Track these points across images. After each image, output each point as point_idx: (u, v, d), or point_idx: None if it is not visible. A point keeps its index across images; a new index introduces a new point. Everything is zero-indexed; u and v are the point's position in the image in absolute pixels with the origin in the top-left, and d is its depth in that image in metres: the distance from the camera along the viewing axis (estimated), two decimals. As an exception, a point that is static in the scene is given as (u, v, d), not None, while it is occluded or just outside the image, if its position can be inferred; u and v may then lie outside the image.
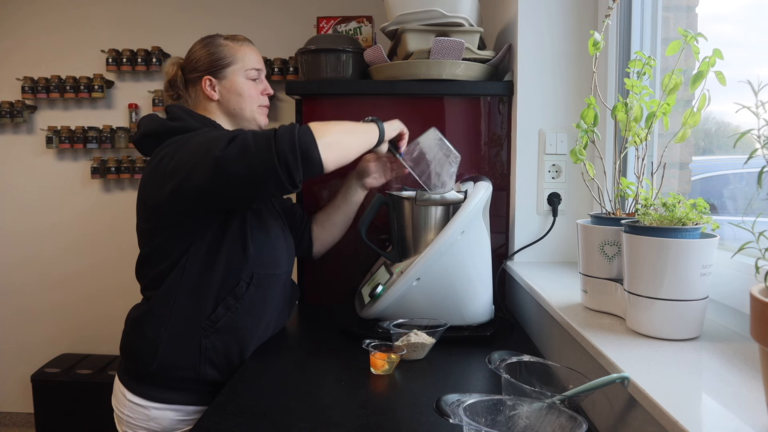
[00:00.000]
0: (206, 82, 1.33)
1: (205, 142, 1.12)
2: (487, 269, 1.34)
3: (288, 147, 1.06)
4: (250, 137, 1.08)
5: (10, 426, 3.12)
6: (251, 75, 1.36)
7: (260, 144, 1.07)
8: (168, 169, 1.15)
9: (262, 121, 1.40)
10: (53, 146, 2.93)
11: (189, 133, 1.21)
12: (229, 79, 1.34)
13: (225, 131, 1.18)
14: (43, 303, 3.07)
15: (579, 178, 1.54)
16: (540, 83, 1.56)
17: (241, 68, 1.34)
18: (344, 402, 1.02)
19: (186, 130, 1.24)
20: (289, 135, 1.07)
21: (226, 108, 1.36)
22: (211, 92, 1.34)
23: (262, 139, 1.07)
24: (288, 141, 1.06)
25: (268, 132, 1.09)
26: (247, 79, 1.35)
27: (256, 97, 1.37)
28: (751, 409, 0.66)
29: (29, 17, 2.97)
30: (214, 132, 1.20)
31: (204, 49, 1.35)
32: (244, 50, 1.36)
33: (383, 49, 1.62)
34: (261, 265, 1.26)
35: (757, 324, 0.56)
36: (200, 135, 1.18)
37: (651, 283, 0.89)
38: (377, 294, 1.30)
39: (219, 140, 1.09)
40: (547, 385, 0.89)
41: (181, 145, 1.17)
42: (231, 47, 1.35)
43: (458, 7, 1.55)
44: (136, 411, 1.23)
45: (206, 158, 1.08)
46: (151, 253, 1.27)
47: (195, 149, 1.13)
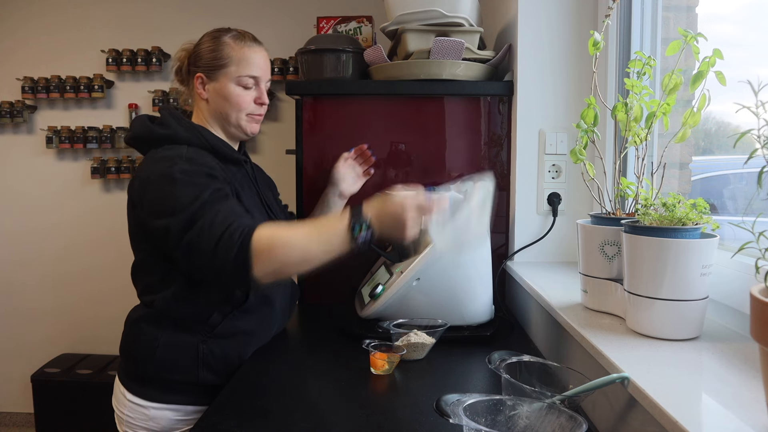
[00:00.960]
0: (198, 79, 1.29)
1: (169, 212, 1.10)
2: (487, 269, 1.34)
3: (224, 274, 1.06)
4: (195, 247, 1.07)
5: (10, 426, 3.12)
6: (244, 82, 1.28)
7: (203, 259, 1.07)
8: (141, 202, 1.17)
9: (249, 129, 1.32)
10: (53, 146, 2.93)
11: (169, 164, 1.15)
12: (220, 81, 1.27)
13: (192, 193, 1.10)
14: (43, 303, 3.07)
15: (579, 178, 1.54)
16: (540, 83, 1.56)
17: (234, 73, 1.27)
18: (344, 402, 1.02)
19: (172, 139, 1.22)
20: (224, 261, 1.05)
21: (213, 110, 1.30)
22: (201, 91, 1.29)
23: (205, 254, 1.06)
24: (224, 268, 1.05)
25: (209, 245, 1.05)
26: (238, 85, 1.28)
27: (244, 105, 1.29)
28: (751, 409, 0.66)
29: (29, 17, 2.97)
30: (184, 190, 1.12)
31: (208, 43, 1.29)
32: (245, 53, 1.28)
33: (383, 49, 1.62)
34: None
35: (757, 324, 0.56)
36: (171, 187, 1.12)
37: (651, 283, 0.89)
38: (377, 294, 1.30)
39: (176, 225, 1.08)
40: (547, 385, 0.89)
41: (155, 183, 1.14)
42: (233, 48, 1.28)
43: (458, 7, 1.55)
44: (135, 411, 1.23)
45: (164, 242, 1.12)
46: (144, 261, 1.26)
47: (161, 212, 1.12)
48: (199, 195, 1.10)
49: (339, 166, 1.51)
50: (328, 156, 1.65)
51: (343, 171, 1.50)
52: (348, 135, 1.65)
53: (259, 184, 1.38)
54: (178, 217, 1.09)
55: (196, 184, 1.13)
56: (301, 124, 1.66)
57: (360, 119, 1.65)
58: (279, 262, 1.06)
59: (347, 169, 1.51)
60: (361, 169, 1.54)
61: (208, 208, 1.09)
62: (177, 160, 1.16)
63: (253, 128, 1.33)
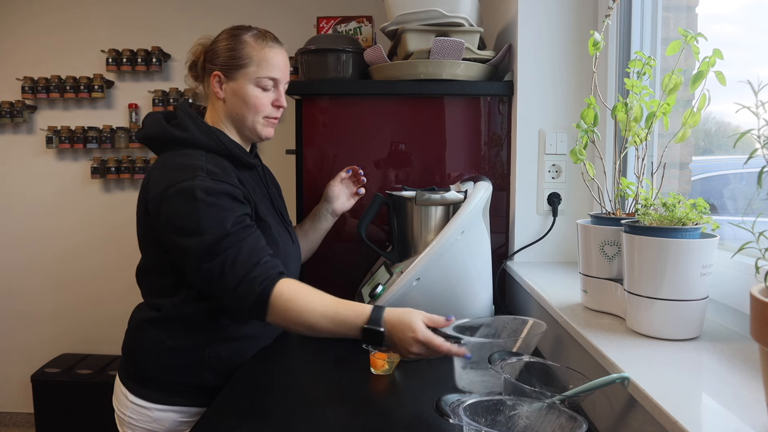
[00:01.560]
0: (215, 77, 1.25)
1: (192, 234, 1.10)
2: (487, 269, 1.34)
3: (241, 310, 1.11)
4: (216, 279, 1.09)
5: (10, 426, 3.12)
6: (263, 83, 1.24)
7: (220, 291, 1.11)
8: (157, 212, 1.15)
9: (264, 133, 1.29)
10: (53, 146, 2.93)
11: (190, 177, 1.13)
12: (239, 81, 1.24)
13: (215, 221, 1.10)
14: (43, 303, 3.07)
15: (579, 178, 1.54)
16: (540, 83, 1.56)
17: (254, 73, 1.23)
18: (344, 402, 1.02)
19: (189, 143, 1.20)
20: (242, 302, 1.09)
21: (229, 111, 1.27)
22: (217, 90, 1.25)
23: (224, 289, 1.10)
24: (241, 307, 1.10)
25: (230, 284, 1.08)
26: (256, 86, 1.24)
27: (262, 107, 1.26)
28: (751, 409, 0.66)
29: (29, 17, 2.97)
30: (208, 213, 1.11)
31: (227, 41, 1.25)
32: (266, 54, 1.24)
33: (383, 49, 1.62)
34: None
35: (757, 324, 0.56)
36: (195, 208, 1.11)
37: (651, 283, 0.89)
38: (377, 294, 1.30)
39: (198, 251, 1.09)
40: (547, 385, 0.89)
41: (177, 197, 1.12)
42: (253, 47, 1.24)
43: (458, 7, 1.55)
44: (138, 412, 1.23)
45: (182, 262, 1.14)
46: (154, 265, 1.25)
47: (183, 231, 1.11)
48: (222, 223, 1.10)
49: (334, 184, 1.50)
50: (328, 156, 1.65)
51: (338, 190, 1.50)
52: (348, 135, 1.65)
53: (270, 188, 1.38)
54: (198, 241, 1.09)
55: (219, 208, 1.12)
56: (301, 124, 1.66)
57: (360, 119, 1.65)
58: (289, 322, 1.10)
59: (342, 188, 1.51)
60: (354, 188, 1.53)
61: (233, 240, 1.10)
62: (199, 173, 1.13)
63: (268, 132, 1.30)
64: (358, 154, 1.63)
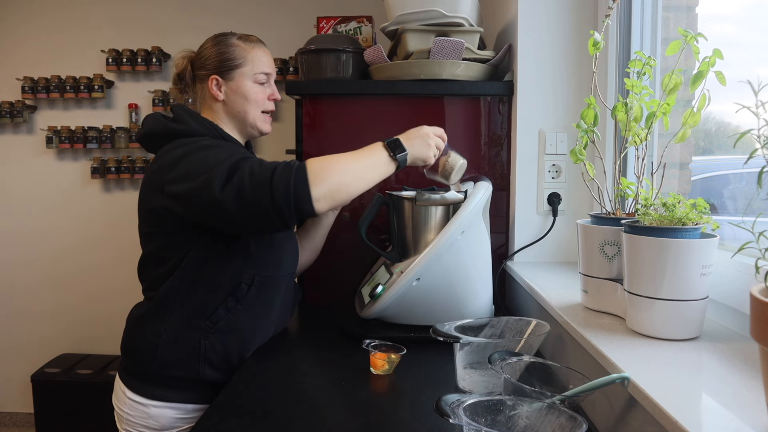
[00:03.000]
0: (213, 81, 1.31)
1: (207, 169, 1.11)
2: (487, 269, 1.34)
3: (283, 199, 1.07)
4: (247, 181, 1.08)
5: (10, 426, 3.12)
6: (260, 79, 1.33)
7: (256, 192, 1.08)
8: (168, 179, 1.16)
9: (264, 128, 1.37)
10: (53, 146, 2.93)
11: (192, 142, 1.19)
12: (237, 81, 1.31)
13: (226, 152, 1.14)
14: (43, 303, 3.07)
15: (579, 178, 1.54)
16: (540, 83, 1.56)
17: (250, 71, 1.32)
18: (344, 402, 1.02)
19: (187, 134, 1.24)
20: (284, 185, 1.07)
21: (230, 110, 1.33)
22: (216, 92, 1.31)
23: (259, 185, 1.07)
24: (283, 192, 1.07)
25: (265, 174, 1.08)
26: (254, 82, 1.33)
27: (261, 101, 1.34)
28: (751, 409, 0.66)
29: (29, 17, 2.97)
30: (216, 151, 1.16)
31: (215, 47, 1.32)
32: (255, 52, 1.33)
33: (383, 49, 1.62)
34: (263, 267, 1.26)
35: (757, 324, 0.56)
36: (203, 151, 1.16)
37: (651, 283, 0.89)
38: (377, 294, 1.30)
39: (219, 172, 1.09)
40: (547, 385, 0.89)
41: (184, 156, 1.16)
42: (242, 48, 1.32)
43: (458, 7, 1.55)
44: (135, 409, 1.23)
45: (204, 194, 1.10)
46: (152, 255, 1.27)
47: (196, 172, 1.12)
48: (232, 154, 1.14)
49: None
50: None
51: None
52: (348, 135, 1.65)
53: None
54: (213, 171, 1.10)
55: (224, 148, 1.17)
56: (301, 124, 1.66)
57: (360, 119, 1.65)
58: (335, 180, 1.12)
59: None
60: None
61: (248, 160, 1.13)
62: (198, 139, 1.22)
63: (267, 127, 1.38)
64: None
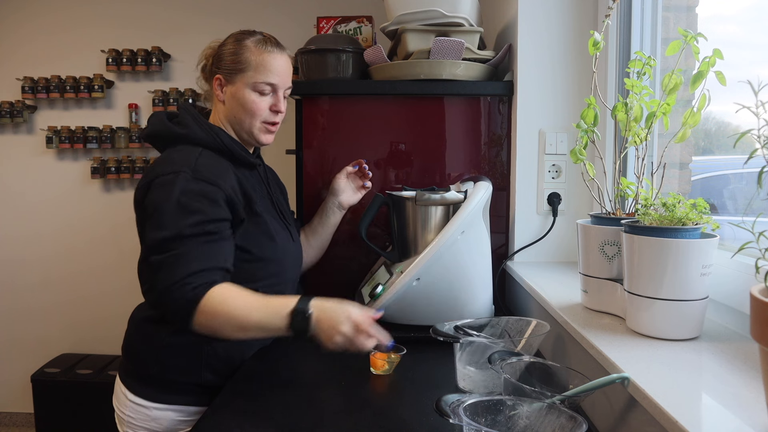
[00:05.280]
0: (217, 81, 1.29)
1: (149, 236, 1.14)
2: (487, 269, 1.34)
3: (173, 316, 1.12)
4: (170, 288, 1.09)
5: (10, 426, 3.12)
6: (260, 88, 1.26)
7: (159, 299, 1.12)
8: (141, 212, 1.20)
9: (262, 139, 1.30)
10: (53, 146, 2.93)
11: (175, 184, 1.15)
12: (237, 85, 1.26)
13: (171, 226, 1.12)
14: (44, 302, 3.07)
15: (579, 178, 1.54)
16: (540, 83, 1.56)
17: (251, 78, 1.25)
18: (344, 402, 1.02)
19: (190, 139, 1.24)
20: (173, 312, 1.11)
21: (228, 114, 1.29)
22: (218, 92, 1.29)
23: (162, 295, 1.10)
24: (172, 316, 1.12)
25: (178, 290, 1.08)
26: (253, 90, 1.26)
27: (258, 112, 1.27)
28: (751, 409, 0.66)
29: (29, 17, 2.97)
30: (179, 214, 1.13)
31: (232, 45, 1.28)
32: (264, 59, 1.26)
33: (383, 49, 1.62)
34: (264, 273, 1.26)
35: (757, 324, 0.56)
36: (171, 209, 1.14)
37: (651, 283, 0.89)
38: (377, 294, 1.30)
39: (153, 241, 1.12)
40: (547, 385, 0.89)
41: (159, 205, 1.15)
42: (253, 52, 1.26)
43: (458, 7, 1.55)
44: (137, 411, 1.23)
45: (142, 247, 1.18)
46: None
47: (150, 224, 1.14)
48: (181, 224, 1.12)
49: (340, 178, 1.50)
50: (328, 156, 1.65)
51: (343, 184, 1.50)
52: (348, 135, 1.65)
53: (272, 188, 1.39)
54: (154, 235, 1.12)
55: (187, 209, 1.13)
56: (301, 124, 1.66)
57: (360, 119, 1.65)
58: (216, 328, 1.10)
59: (347, 182, 1.51)
60: (360, 182, 1.53)
61: (185, 243, 1.11)
62: (184, 169, 1.17)
63: (266, 138, 1.31)
64: (358, 154, 1.63)
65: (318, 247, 1.52)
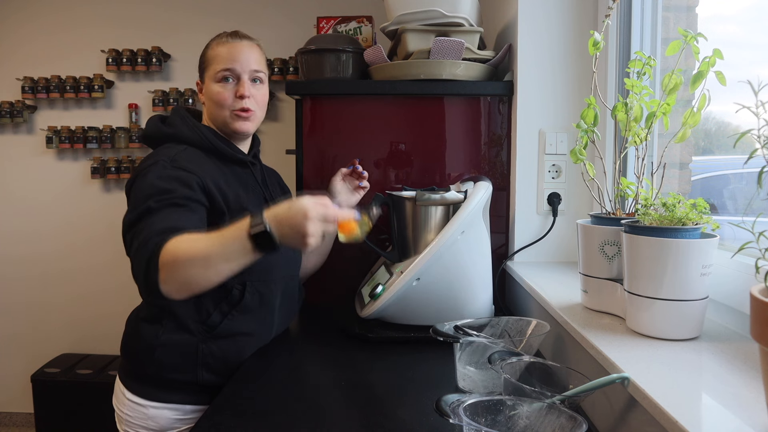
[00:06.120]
0: (198, 85, 1.36)
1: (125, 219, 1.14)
2: (487, 269, 1.34)
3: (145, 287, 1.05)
4: (135, 253, 1.07)
5: (10, 426, 3.12)
6: (219, 77, 1.27)
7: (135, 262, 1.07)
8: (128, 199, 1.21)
9: (236, 126, 1.29)
10: (53, 146, 2.93)
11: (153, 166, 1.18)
12: (206, 83, 1.31)
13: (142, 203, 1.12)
14: (43, 302, 3.07)
15: (579, 178, 1.54)
16: (540, 83, 1.56)
17: (212, 71, 1.29)
18: (344, 402, 1.02)
19: (177, 137, 1.27)
20: (143, 277, 1.04)
21: (208, 112, 1.34)
22: (200, 96, 1.35)
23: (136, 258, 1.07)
24: (143, 283, 1.05)
25: (141, 251, 1.05)
26: (216, 82, 1.28)
27: (225, 101, 1.27)
28: (751, 409, 0.66)
29: (29, 17, 2.97)
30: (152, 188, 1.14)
31: (204, 49, 1.35)
32: (217, 51, 1.29)
33: (383, 49, 1.62)
34: (253, 272, 1.23)
35: (757, 324, 0.56)
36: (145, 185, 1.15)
37: (651, 283, 0.89)
38: (377, 294, 1.30)
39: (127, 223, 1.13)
40: (547, 385, 0.89)
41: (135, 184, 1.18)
42: (211, 48, 1.31)
43: (458, 7, 1.56)
44: (134, 410, 1.23)
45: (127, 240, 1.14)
46: None
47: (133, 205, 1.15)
48: (147, 199, 1.11)
49: (335, 180, 1.50)
50: (328, 156, 1.65)
51: (339, 186, 1.50)
52: (348, 135, 1.65)
53: (269, 188, 1.39)
54: (128, 217, 1.14)
55: (156, 188, 1.13)
56: (301, 124, 1.66)
57: (360, 119, 1.65)
58: (183, 275, 1.02)
59: (343, 183, 1.51)
60: (356, 182, 1.53)
61: (152, 215, 1.10)
62: (163, 160, 1.20)
63: (241, 126, 1.29)
64: (358, 154, 1.63)
65: (319, 253, 1.52)
